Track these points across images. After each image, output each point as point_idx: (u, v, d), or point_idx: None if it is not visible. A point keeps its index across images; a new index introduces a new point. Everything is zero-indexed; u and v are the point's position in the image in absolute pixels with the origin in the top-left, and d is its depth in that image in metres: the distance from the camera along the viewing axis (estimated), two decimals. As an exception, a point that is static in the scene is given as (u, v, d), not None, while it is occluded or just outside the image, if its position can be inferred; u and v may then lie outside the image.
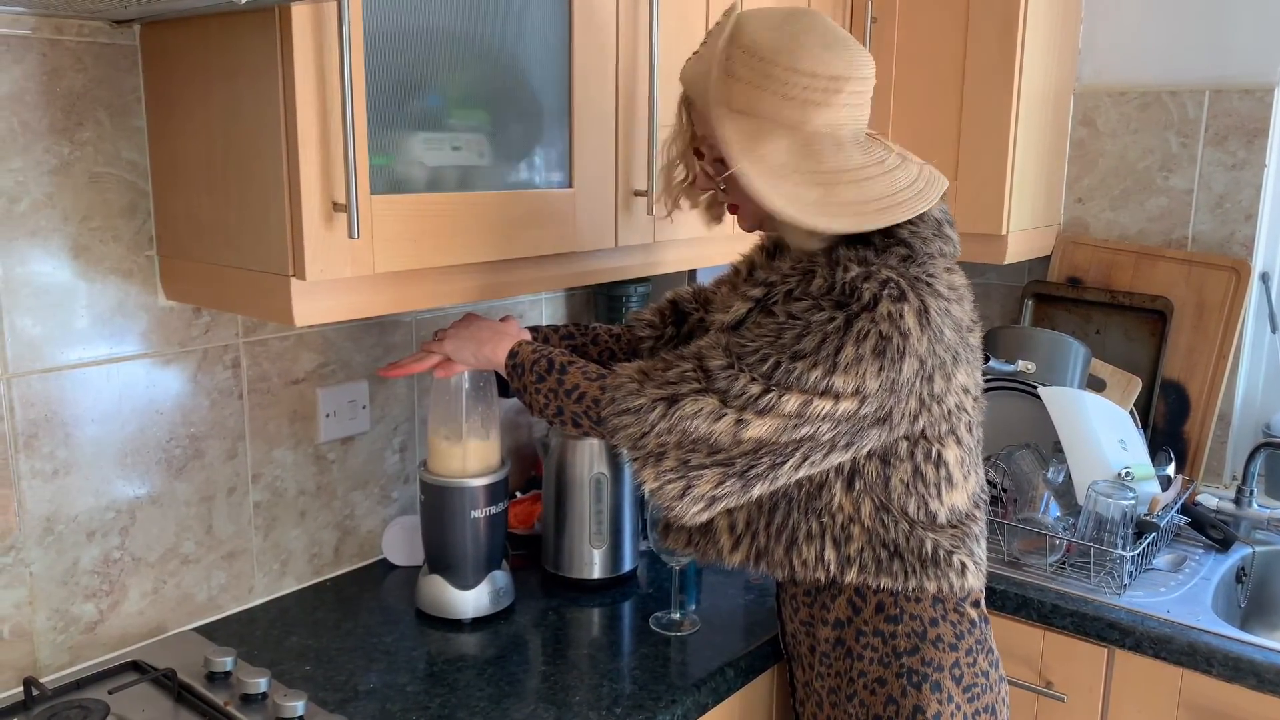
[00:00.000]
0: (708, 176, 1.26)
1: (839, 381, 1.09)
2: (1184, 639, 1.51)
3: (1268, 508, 1.87)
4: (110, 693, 1.28)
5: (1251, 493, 1.87)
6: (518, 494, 1.93)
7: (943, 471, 1.20)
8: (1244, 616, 1.82)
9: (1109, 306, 2.11)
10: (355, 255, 1.19)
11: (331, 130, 1.14)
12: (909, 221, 1.17)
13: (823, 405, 1.10)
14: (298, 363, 1.58)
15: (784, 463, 1.13)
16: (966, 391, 1.19)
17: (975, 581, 1.24)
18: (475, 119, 1.33)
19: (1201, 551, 1.80)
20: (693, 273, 2.06)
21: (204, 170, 1.26)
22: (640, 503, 1.71)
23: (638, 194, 1.54)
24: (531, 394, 1.28)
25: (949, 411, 1.17)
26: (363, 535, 1.73)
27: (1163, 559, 1.76)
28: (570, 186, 1.45)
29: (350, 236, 1.14)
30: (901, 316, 1.09)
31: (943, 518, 1.21)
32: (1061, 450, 1.80)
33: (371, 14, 1.17)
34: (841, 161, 1.14)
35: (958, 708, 1.21)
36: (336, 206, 1.16)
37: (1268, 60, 1.93)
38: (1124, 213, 2.11)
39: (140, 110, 1.34)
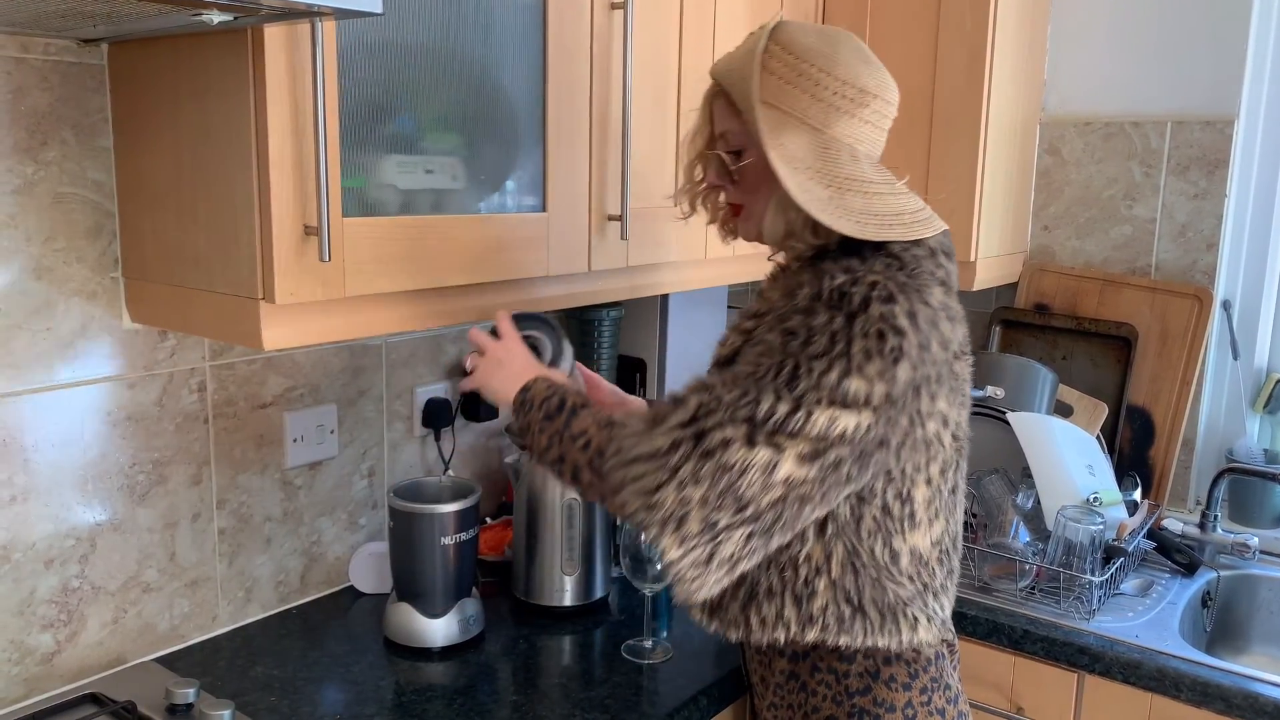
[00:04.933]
0: (724, 171, 1.24)
1: (854, 385, 1.05)
2: (1152, 664, 1.52)
3: (1232, 532, 1.90)
4: (67, 726, 1.25)
5: (1216, 517, 1.89)
6: (488, 520, 1.91)
7: (908, 509, 1.17)
8: (1210, 641, 1.84)
9: (1075, 333, 2.13)
10: (326, 278, 1.17)
11: (303, 152, 1.13)
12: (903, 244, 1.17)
13: (845, 420, 1.05)
14: (265, 386, 1.56)
15: (805, 506, 1.08)
16: (945, 423, 1.17)
17: (926, 635, 1.20)
18: (449, 142, 1.33)
19: (1168, 576, 1.82)
20: (664, 298, 2.06)
21: (172, 191, 1.24)
22: (612, 528, 1.70)
23: (611, 218, 1.54)
24: (535, 434, 1.19)
25: (928, 441, 1.16)
26: (330, 562, 1.71)
27: (1130, 584, 1.78)
28: (544, 210, 1.45)
29: (321, 260, 1.13)
30: (895, 317, 1.07)
31: (904, 560, 1.18)
32: (1030, 475, 1.81)
33: (345, 36, 1.16)
34: (855, 171, 1.16)
35: None
36: (308, 229, 1.14)
37: (1227, 93, 1.97)
38: (1089, 240, 2.14)
39: (107, 130, 1.33)
